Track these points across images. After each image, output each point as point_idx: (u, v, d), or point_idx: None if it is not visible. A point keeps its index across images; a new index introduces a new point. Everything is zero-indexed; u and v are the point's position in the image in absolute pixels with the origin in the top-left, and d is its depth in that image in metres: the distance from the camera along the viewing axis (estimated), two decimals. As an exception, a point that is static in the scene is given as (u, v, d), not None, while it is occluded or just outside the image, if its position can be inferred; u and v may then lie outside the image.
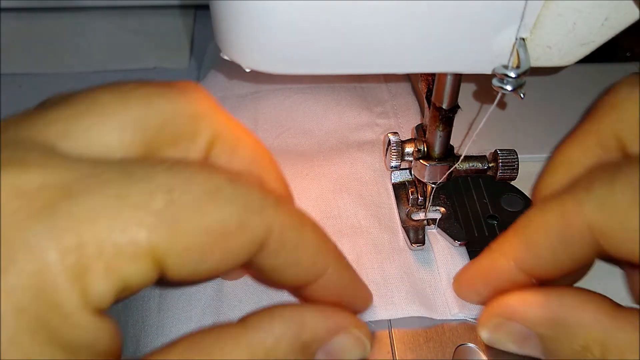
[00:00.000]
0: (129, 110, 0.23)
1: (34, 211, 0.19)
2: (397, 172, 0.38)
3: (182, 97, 0.24)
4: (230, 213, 0.21)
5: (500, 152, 0.35)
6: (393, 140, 0.35)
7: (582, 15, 0.24)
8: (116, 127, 0.22)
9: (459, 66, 0.27)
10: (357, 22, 0.24)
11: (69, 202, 0.19)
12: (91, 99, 0.23)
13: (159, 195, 0.20)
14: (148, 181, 0.20)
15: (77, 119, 0.22)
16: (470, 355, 0.30)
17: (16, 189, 0.19)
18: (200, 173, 0.21)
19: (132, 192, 0.20)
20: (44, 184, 0.19)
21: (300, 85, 0.45)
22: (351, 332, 0.26)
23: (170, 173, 0.21)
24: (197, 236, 0.20)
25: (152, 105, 0.23)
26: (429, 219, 0.36)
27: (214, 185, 0.21)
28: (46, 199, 0.19)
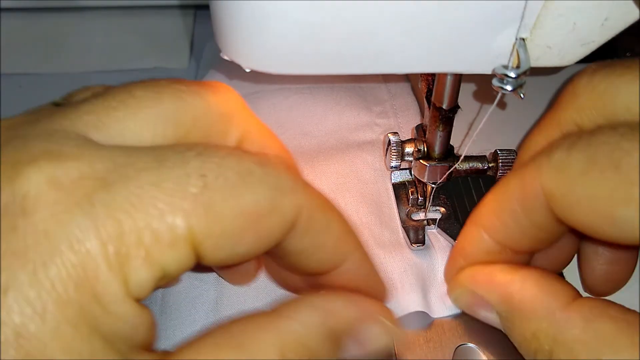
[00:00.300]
0: (162, 105, 0.23)
1: (73, 203, 0.19)
2: (397, 172, 0.38)
3: (213, 95, 0.25)
4: (263, 194, 0.21)
5: (500, 152, 0.35)
6: (393, 140, 0.35)
7: (582, 15, 0.24)
8: (149, 120, 0.22)
9: (459, 66, 0.27)
10: (357, 23, 0.24)
11: (107, 192, 0.19)
12: (125, 92, 0.23)
13: (193, 181, 0.20)
14: (181, 167, 0.20)
15: (111, 111, 0.22)
16: (470, 355, 0.30)
17: (54, 181, 0.19)
18: (230, 157, 0.21)
19: (166, 179, 0.20)
20: (81, 175, 0.19)
21: (299, 86, 0.45)
22: (379, 320, 0.26)
23: (202, 158, 0.21)
24: (232, 219, 0.21)
25: (185, 102, 0.23)
26: (429, 219, 0.36)
27: (245, 168, 0.21)
28: (84, 190, 0.19)
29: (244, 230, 0.21)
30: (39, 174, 0.19)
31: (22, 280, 0.18)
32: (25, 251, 0.18)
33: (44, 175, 0.19)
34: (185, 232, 0.20)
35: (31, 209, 0.18)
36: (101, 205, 0.19)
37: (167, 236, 0.19)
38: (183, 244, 0.20)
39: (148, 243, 0.19)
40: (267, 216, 0.22)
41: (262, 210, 0.21)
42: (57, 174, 0.19)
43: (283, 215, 0.22)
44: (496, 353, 0.30)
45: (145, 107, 0.22)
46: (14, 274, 0.18)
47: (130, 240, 0.19)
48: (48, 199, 0.19)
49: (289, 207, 0.22)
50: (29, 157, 0.19)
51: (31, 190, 0.19)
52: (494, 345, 0.31)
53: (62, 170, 0.19)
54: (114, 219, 0.19)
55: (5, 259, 0.18)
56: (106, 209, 0.19)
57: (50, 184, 0.19)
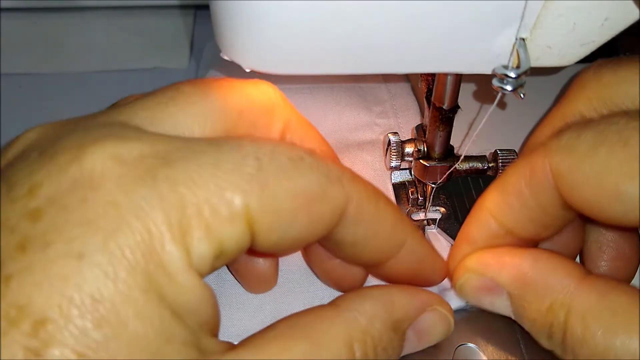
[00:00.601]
0: (210, 100, 0.24)
1: (137, 176, 0.20)
2: (397, 172, 0.38)
3: (257, 90, 0.26)
4: (314, 180, 0.22)
5: (500, 152, 0.35)
6: (393, 140, 0.35)
7: (582, 15, 0.24)
8: (199, 115, 0.24)
9: (459, 66, 0.27)
10: (356, 22, 0.24)
11: (168, 169, 0.20)
12: (173, 89, 0.24)
13: (249, 162, 0.21)
14: (238, 150, 0.21)
15: (163, 107, 0.23)
16: (470, 355, 0.30)
17: (118, 157, 0.20)
18: (283, 144, 0.22)
19: (224, 160, 0.21)
20: (142, 153, 0.20)
21: (299, 86, 0.45)
22: (437, 310, 0.27)
23: (256, 144, 0.22)
24: (285, 200, 0.22)
25: (231, 97, 0.25)
26: (429, 219, 0.36)
27: (297, 155, 0.22)
28: (146, 166, 0.20)
29: (297, 212, 0.22)
30: (103, 151, 0.20)
31: (94, 247, 0.19)
32: (95, 221, 0.19)
33: (108, 152, 0.20)
34: (242, 209, 0.21)
35: (98, 182, 0.19)
36: (163, 179, 0.20)
37: (225, 211, 0.20)
38: (240, 220, 0.21)
39: (208, 216, 0.20)
40: (318, 201, 0.22)
41: (313, 194, 0.22)
42: (120, 152, 0.20)
43: (333, 202, 0.23)
44: (496, 353, 0.30)
45: (193, 102, 0.24)
46: (86, 241, 0.19)
47: (191, 213, 0.20)
48: (113, 173, 0.20)
49: (338, 195, 0.23)
50: (93, 138, 0.20)
51: (97, 166, 0.20)
52: (494, 345, 0.31)
53: (125, 149, 0.20)
54: (176, 192, 0.20)
55: (78, 228, 0.19)
56: (168, 183, 0.20)
57: (115, 160, 0.20)
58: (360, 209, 0.24)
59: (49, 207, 0.19)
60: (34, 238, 0.19)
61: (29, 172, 0.20)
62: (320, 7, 0.23)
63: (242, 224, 0.21)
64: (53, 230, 0.19)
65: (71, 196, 0.19)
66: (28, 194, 0.19)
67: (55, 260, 0.18)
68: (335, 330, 0.23)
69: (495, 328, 0.31)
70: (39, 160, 0.20)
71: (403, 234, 0.27)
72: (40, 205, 0.19)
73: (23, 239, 0.19)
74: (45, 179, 0.20)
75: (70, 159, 0.20)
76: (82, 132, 0.21)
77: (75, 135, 0.21)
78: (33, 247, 0.18)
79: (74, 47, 0.54)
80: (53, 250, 0.18)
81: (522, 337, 0.31)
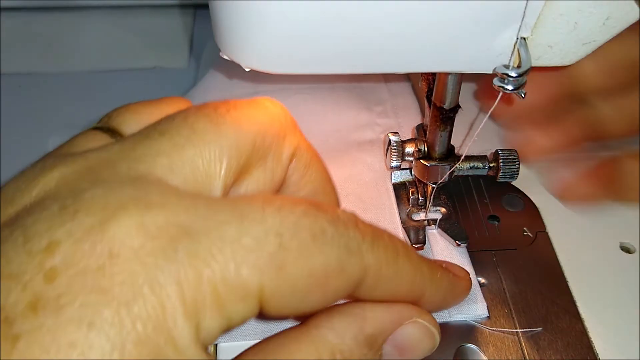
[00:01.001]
0: (225, 138, 0.24)
1: (158, 248, 0.20)
2: (398, 172, 0.38)
3: (269, 116, 0.26)
4: (333, 256, 0.22)
5: (501, 152, 0.34)
6: (393, 140, 0.35)
7: (584, 14, 0.24)
8: (215, 156, 0.23)
9: (459, 66, 0.27)
10: (357, 22, 0.24)
11: (189, 242, 0.20)
12: (186, 127, 0.23)
13: (271, 239, 0.21)
14: (261, 223, 0.21)
15: (180, 150, 0.23)
16: (471, 355, 0.30)
17: (142, 226, 0.20)
18: (306, 217, 0.22)
19: (245, 235, 0.21)
20: (167, 222, 0.20)
21: (299, 85, 0.44)
22: (417, 322, 0.26)
23: (280, 215, 0.22)
24: (301, 279, 0.21)
25: (244, 130, 0.24)
26: (429, 219, 0.36)
27: (319, 228, 0.22)
28: (168, 238, 0.20)
29: (311, 290, 0.22)
30: (128, 220, 0.20)
31: (105, 316, 0.18)
32: (110, 290, 0.19)
33: (133, 221, 0.20)
34: (257, 288, 0.21)
35: (117, 251, 0.19)
36: (184, 253, 0.20)
37: (240, 290, 0.20)
38: (252, 298, 0.21)
39: (222, 295, 0.20)
40: (335, 277, 0.22)
41: (331, 271, 0.22)
42: (144, 221, 0.20)
43: (350, 276, 0.23)
44: (496, 353, 0.30)
45: (209, 142, 0.23)
46: (98, 310, 0.18)
47: (207, 290, 0.20)
48: (134, 243, 0.19)
49: (356, 267, 0.23)
50: (119, 203, 0.20)
51: (119, 234, 0.19)
52: (494, 345, 0.31)
53: (149, 218, 0.20)
54: (194, 268, 0.20)
55: (92, 295, 0.19)
56: (188, 257, 0.20)
57: (138, 229, 0.20)
58: (378, 276, 0.24)
59: (65, 269, 0.19)
60: (47, 300, 0.18)
61: (48, 226, 0.20)
62: (320, 6, 0.23)
63: (254, 301, 0.21)
64: (67, 294, 0.18)
65: (89, 261, 0.19)
66: (46, 250, 0.19)
67: (65, 326, 0.18)
68: (303, 350, 0.23)
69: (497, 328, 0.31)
70: (60, 215, 0.20)
71: (422, 287, 0.26)
72: (56, 265, 0.19)
73: (35, 298, 0.18)
74: (64, 237, 0.19)
75: (93, 224, 0.20)
76: (106, 190, 0.21)
77: (99, 192, 0.21)
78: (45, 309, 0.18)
79: (74, 47, 0.54)
80: (65, 315, 0.18)
81: (524, 338, 0.31)
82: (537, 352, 0.30)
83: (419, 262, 0.26)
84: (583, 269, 0.34)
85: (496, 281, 0.34)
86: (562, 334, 0.31)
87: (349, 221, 0.23)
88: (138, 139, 0.23)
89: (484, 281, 0.34)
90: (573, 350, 0.30)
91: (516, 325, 0.31)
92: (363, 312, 0.24)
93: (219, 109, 0.24)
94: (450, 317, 0.31)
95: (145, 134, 0.24)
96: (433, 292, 0.27)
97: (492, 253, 0.35)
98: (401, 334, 0.26)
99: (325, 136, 0.42)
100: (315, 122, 0.42)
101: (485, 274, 0.34)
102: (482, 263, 0.34)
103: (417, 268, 0.26)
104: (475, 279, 0.33)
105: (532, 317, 0.32)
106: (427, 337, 0.26)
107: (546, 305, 0.32)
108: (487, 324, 0.31)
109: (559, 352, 0.30)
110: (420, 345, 0.26)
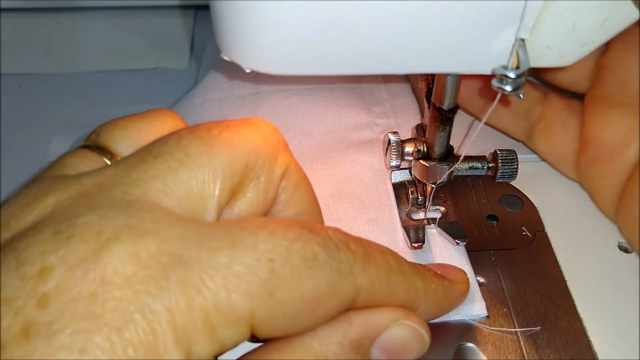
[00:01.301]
0: (218, 159, 0.24)
1: (150, 276, 0.20)
2: (397, 172, 0.38)
3: (260, 137, 0.26)
4: (324, 281, 0.22)
5: (500, 153, 0.35)
6: (393, 140, 0.35)
7: (582, 15, 0.25)
8: (209, 178, 0.24)
9: (458, 67, 0.27)
10: (356, 23, 0.24)
11: (181, 269, 0.20)
12: (179, 149, 0.24)
13: (262, 266, 0.21)
14: (252, 250, 0.21)
15: (173, 173, 0.23)
16: (470, 355, 0.30)
17: (134, 255, 0.20)
18: (298, 241, 0.22)
19: (238, 262, 0.21)
20: (159, 250, 0.21)
21: (299, 86, 0.45)
22: (404, 323, 0.26)
23: (272, 241, 0.22)
24: (293, 304, 0.22)
25: (237, 150, 0.24)
26: (428, 219, 0.36)
27: (311, 253, 0.22)
28: (161, 265, 0.20)
29: (302, 313, 0.22)
30: (121, 248, 0.20)
31: (97, 342, 0.19)
32: (102, 316, 0.19)
33: (126, 249, 0.20)
34: (248, 314, 0.21)
35: (109, 278, 0.20)
36: (176, 280, 0.20)
37: (231, 316, 0.21)
38: (244, 324, 0.21)
39: (214, 321, 0.20)
40: (327, 300, 0.22)
41: (322, 295, 0.22)
42: (137, 249, 0.20)
43: (342, 297, 0.23)
44: (496, 353, 0.30)
45: (202, 164, 0.23)
46: (90, 336, 0.19)
47: (198, 316, 0.20)
48: (126, 271, 0.20)
49: (348, 289, 0.23)
50: (112, 230, 0.21)
51: (111, 262, 0.20)
52: (494, 345, 0.31)
53: (142, 246, 0.20)
54: (186, 295, 0.20)
55: (84, 322, 0.19)
56: (180, 284, 0.20)
57: (131, 258, 0.20)
58: (370, 294, 0.24)
59: (58, 295, 0.19)
60: (40, 326, 0.19)
61: (41, 251, 0.20)
62: (320, 7, 0.23)
63: (245, 327, 0.21)
64: (59, 320, 0.19)
65: (81, 288, 0.19)
66: (38, 276, 0.19)
67: (57, 353, 0.18)
68: None
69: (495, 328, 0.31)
70: (54, 240, 0.20)
71: (416, 301, 0.26)
72: (49, 291, 0.19)
73: (28, 324, 0.19)
74: (58, 264, 0.20)
75: (87, 251, 0.20)
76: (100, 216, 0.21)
77: (93, 218, 0.21)
78: (37, 335, 0.19)
79: (74, 47, 0.54)
80: (56, 341, 0.19)
81: (522, 338, 0.31)
82: (536, 352, 0.30)
83: (412, 276, 0.26)
84: (581, 268, 0.34)
85: (495, 281, 0.34)
86: (561, 333, 0.31)
87: (340, 242, 0.23)
88: (132, 162, 0.24)
89: (482, 280, 0.34)
90: (572, 349, 0.30)
91: (515, 325, 0.31)
92: (348, 317, 0.24)
93: (212, 131, 0.25)
94: (449, 317, 0.31)
95: (139, 158, 0.24)
96: (428, 304, 0.27)
97: (491, 253, 0.35)
98: (388, 336, 0.25)
99: (325, 136, 0.42)
100: (315, 123, 0.42)
101: (484, 274, 0.34)
102: (481, 263, 0.34)
103: (410, 283, 0.26)
104: (474, 279, 0.33)
105: (531, 316, 0.32)
106: (414, 338, 0.26)
107: (545, 304, 0.32)
108: (486, 324, 0.32)
109: (557, 352, 0.30)
110: (409, 347, 0.26)
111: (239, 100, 0.44)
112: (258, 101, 0.44)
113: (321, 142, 0.41)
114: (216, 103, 0.44)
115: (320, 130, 0.42)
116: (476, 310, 0.32)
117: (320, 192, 0.38)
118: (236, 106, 0.44)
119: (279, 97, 0.44)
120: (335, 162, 0.40)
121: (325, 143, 0.41)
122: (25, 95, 0.50)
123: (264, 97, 0.44)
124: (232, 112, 0.43)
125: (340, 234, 0.24)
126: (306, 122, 0.43)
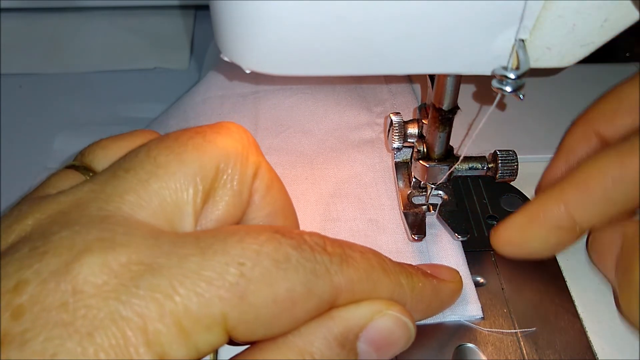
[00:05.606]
0: (188, 166, 0.24)
1: (120, 284, 0.20)
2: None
3: (230, 139, 0.26)
4: (298, 281, 0.22)
5: (500, 153, 0.35)
6: (395, 121, 0.34)
7: (582, 16, 0.25)
8: (181, 185, 0.24)
9: (458, 67, 0.27)
10: (357, 24, 0.24)
11: (151, 277, 0.21)
12: (148, 160, 0.24)
13: (232, 270, 0.21)
14: (222, 255, 0.22)
15: (145, 185, 0.24)
16: (470, 355, 0.30)
17: (104, 265, 0.21)
18: (269, 243, 0.23)
19: (207, 267, 0.21)
20: (129, 260, 0.21)
21: (300, 86, 0.45)
22: (388, 314, 0.25)
23: (242, 245, 0.22)
24: (265, 307, 0.22)
25: (207, 155, 0.25)
26: (429, 204, 0.36)
27: (282, 255, 0.23)
28: (131, 274, 0.21)
29: (278, 315, 0.22)
30: (92, 260, 0.21)
31: (68, 349, 0.19)
32: (73, 323, 0.20)
33: (97, 260, 0.21)
34: (220, 318, 0.21)
35: (80, 288, 0.20)
36: (146, 287, 0.20)
37: (203, 320, 0.21)
38: (217, 327, 0.21)
39: (186, 325, 0.21)
40: (303, 301, 0.23)
41: (297, 296, 0.22)
42: (108, 260, 0.21)
43: (320, 297, 0.23)
44: (496, 353, 0.30)
45: (173, 173, 0.24)
46: (62, 343, 0.19)
47: (170, 321, 0.20)
48: (97, 280, 0.20)
49: (325, 289, 0.23)
50: (84, 244, 0.21)
51: (82, 273, 0.20)
52: (494, 345, 0.31)
53: (113, 257, 0.21)
54: (156, 301, 0.20)
55: (55, 329, 0.19)
56: (150, 291, 0.20)
57: (102, 268, 0.21)
58: (351, 293, 0.24)
59: (31, 306, 0.20)
60: (13, 335, 0.19)
61: (18, 267, 0.21)
62: (320, 8, 0.23)
63: (219, 330, 0.21)
64: (32, 329, 0.19)
65: (54, 298, 0.20)
66: (14, 290, 0.20)
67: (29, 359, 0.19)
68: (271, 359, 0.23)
69: (496, 328, 0.31)
70: (29, 256, 0.21)
71: (402, 299, 0.26)
72: (23, 302, 0.20)
73: (3, 334, 0.19)
74: (32, 277, 0.20)
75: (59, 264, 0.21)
76: (74, 232, 0.22)
77: (67, 234, 0.22)
78: (11, 344, 0.19)
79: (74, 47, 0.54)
80: (29, 349, 0.19)
81: (522, 338, 0.31)
82: (536, 352, 0.30)
83: (396, 274, 0.26)
84: (581, 268, 0.34)
85: (495, 281, 0.34)
86: (561, 334, 0.31)
87: (316, 245, 0.24)
88: (105, 178, 0.24)
89: (482, 281, 0.34)
90: (572, 349, 0.30)
91: (515, 325, 0.31)
92: (330, 313, 0.24)
93: (180, 139, 0.25)
94: (444, 317, 0.31)
95: (112, 173, 0.24)
96: (415, 302, 0.27)
97: (490, 253, 0.35)
98: (372, 328, 0.25)
99: (325, 135, 0.42)
100: (315, 122, 0.43)
101: (484, 274, 0.34)
102: (481, 263, 0.35)
103: (394, 281, 0.26)
104: (470, 279, 0.33)
105: (530, 316, 0.32)
106: (399, 327, 0.25)
107: (545, 304, 0.32)
108: (486, 324, 0.32)
109: (557, 352, 0.30)
110: (394, 337, 0.25)
111: (240, 99, 0.44)
112: (259, 99, 0.44)
113: (321, 141, 0.41)
114: (217, 101, 0.44)
115: (321, 129, 0.42)
116: (471, 311, 0.32)
117: (320, 192, 0.38)
118: (237, 104, 0.44)
119: (280, 96, 0.44)
120: (335, 161, 0.40)
121: (326, 142, 0.41)
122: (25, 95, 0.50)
123: (265, 96, 0.44)
124: (233, 110, 0.43)
125: (316, 237, 0.24)
126: (307, 121, 0.43)
